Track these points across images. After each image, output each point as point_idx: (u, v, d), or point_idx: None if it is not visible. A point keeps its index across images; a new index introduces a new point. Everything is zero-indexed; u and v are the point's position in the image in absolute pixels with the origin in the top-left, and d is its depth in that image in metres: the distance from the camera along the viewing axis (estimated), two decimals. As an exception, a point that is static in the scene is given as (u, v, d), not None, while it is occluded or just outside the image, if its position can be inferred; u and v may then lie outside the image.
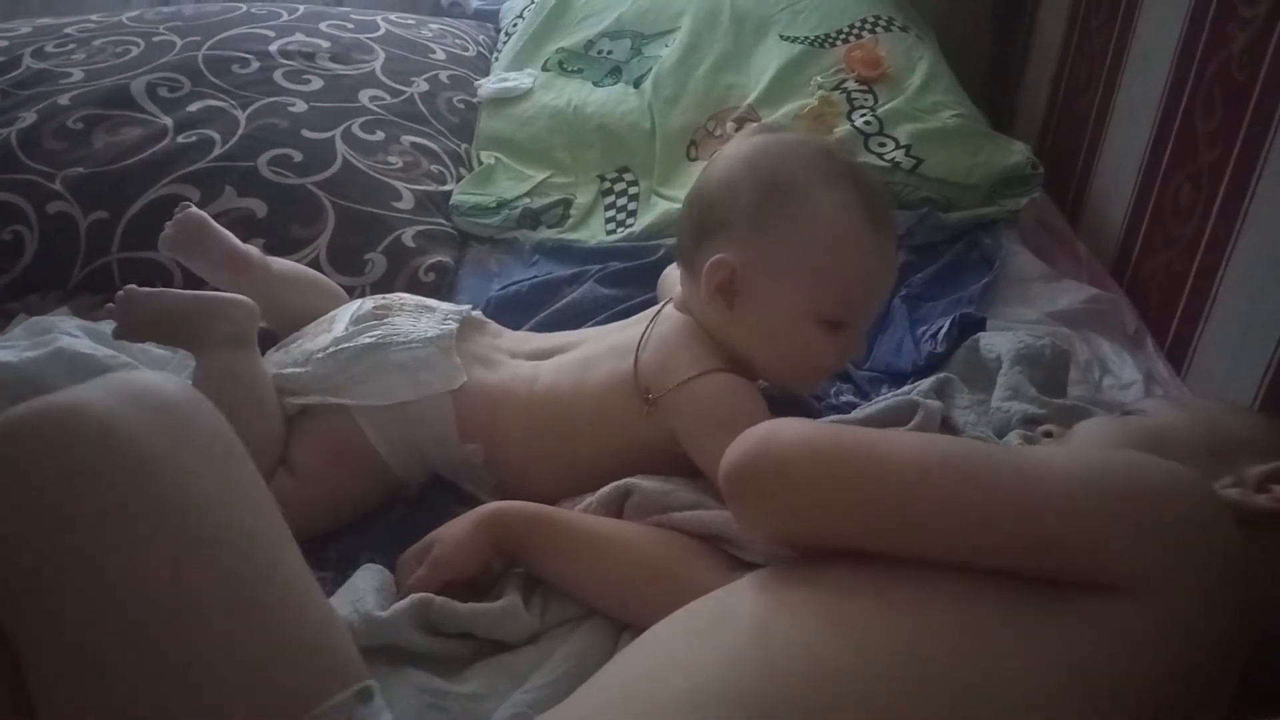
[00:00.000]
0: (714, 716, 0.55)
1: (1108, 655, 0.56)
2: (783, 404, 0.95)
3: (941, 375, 1.02)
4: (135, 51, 1.44)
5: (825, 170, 0.88)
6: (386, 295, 1.04)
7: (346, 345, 0.94)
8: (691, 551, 0.81)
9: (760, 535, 0.69)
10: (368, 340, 0.94)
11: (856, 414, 0.97)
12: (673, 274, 1.05)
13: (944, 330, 1.10)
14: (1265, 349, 1.00)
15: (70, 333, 1.03)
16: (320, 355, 0.94)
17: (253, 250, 1.05)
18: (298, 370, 0.94)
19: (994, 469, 0.62)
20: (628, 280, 1.24)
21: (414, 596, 0.77)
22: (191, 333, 0.93)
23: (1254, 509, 0.66)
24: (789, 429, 0.67)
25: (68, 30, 1.50)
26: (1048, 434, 0.83)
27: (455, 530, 0.83)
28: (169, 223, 1.04)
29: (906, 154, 1.36)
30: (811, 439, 0.66)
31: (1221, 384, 1.08)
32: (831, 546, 0.64)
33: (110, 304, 0.95)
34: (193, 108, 1.34)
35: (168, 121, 1.32)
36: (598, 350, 0.97)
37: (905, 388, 1.01)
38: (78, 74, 1.39)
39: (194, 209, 1.04)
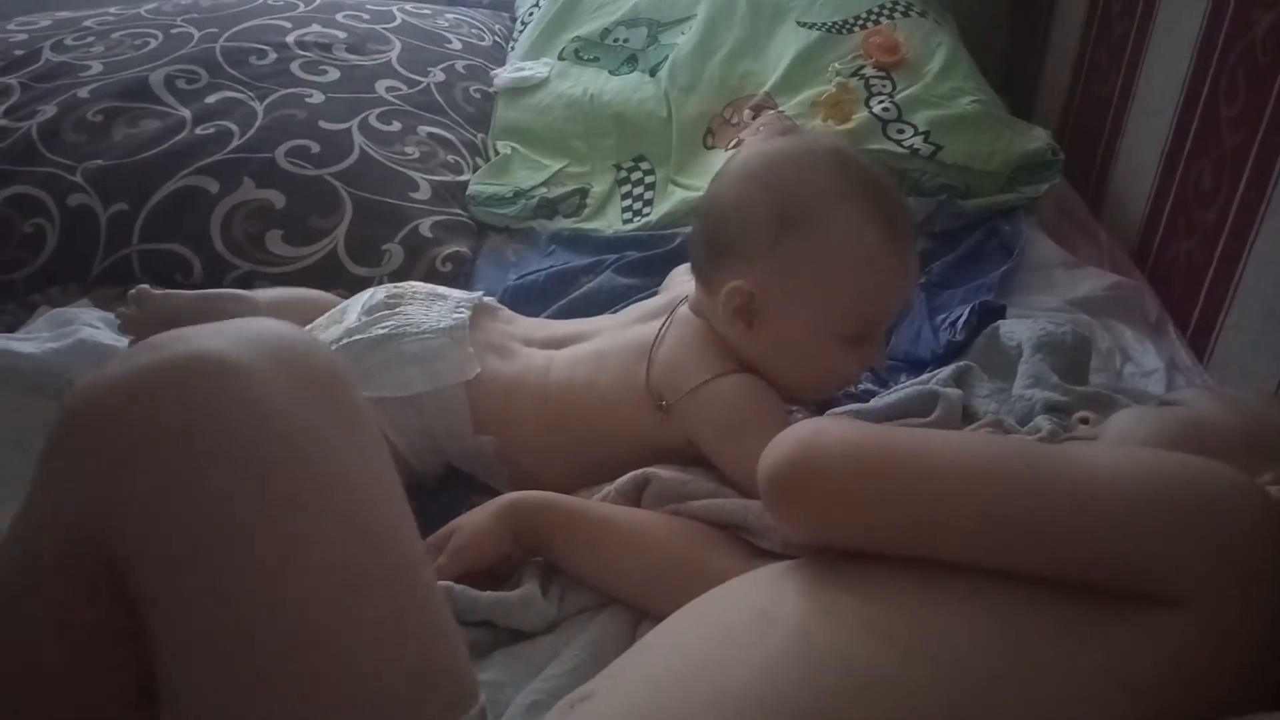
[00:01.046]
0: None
1: (1159, 672, 0.55)
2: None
3: (961, 364, 1.01)
4: (153, 44, 1.44)
5: (839, 186, 0.86)
6: (398, 284, 1.03)
7: (360, 337, 0.94)
8: (709, 540, 0.81)
9: (800, 538, 0.67)
10: (380, 331, 0.94)
11: (875, 403, 0.97)
12: (681, 272, 1.05)
13: (963, 318, 1.09)
14: (1289, 336, 0.99)
15: (92, 324, 1.04)
16: (333, 347, 0.94)
17: (244, 296, 1.02)
18: None
19: (1044, 476, 0.60)
20: (645, 270, 1.23)
21: (439, 587, 0.78)
22: None
23: None
24: (832, 431, 0.65)
25: (87, 23, 1.51)
26: (1084, 420, 0.82)
27: (475, 519, 0.83)
28: (121, 313, 0.99)
29: (925, 140, 1.35)
30: (856, 442, 0.64)
31: (1244, 371, 1.07)
32: (872, 550, 0.63)
33: (123, 308, 0.96)
34: (211, 99, 1.35)
35: (186, 113, 1.32)
36: (612, 346, 0.96)
37: (924, 376, 1.01)
38: (97, 66, 1.39)
39: (141, 289, 0.97)
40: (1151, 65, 1.35)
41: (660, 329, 0.94)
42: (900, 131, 1.37)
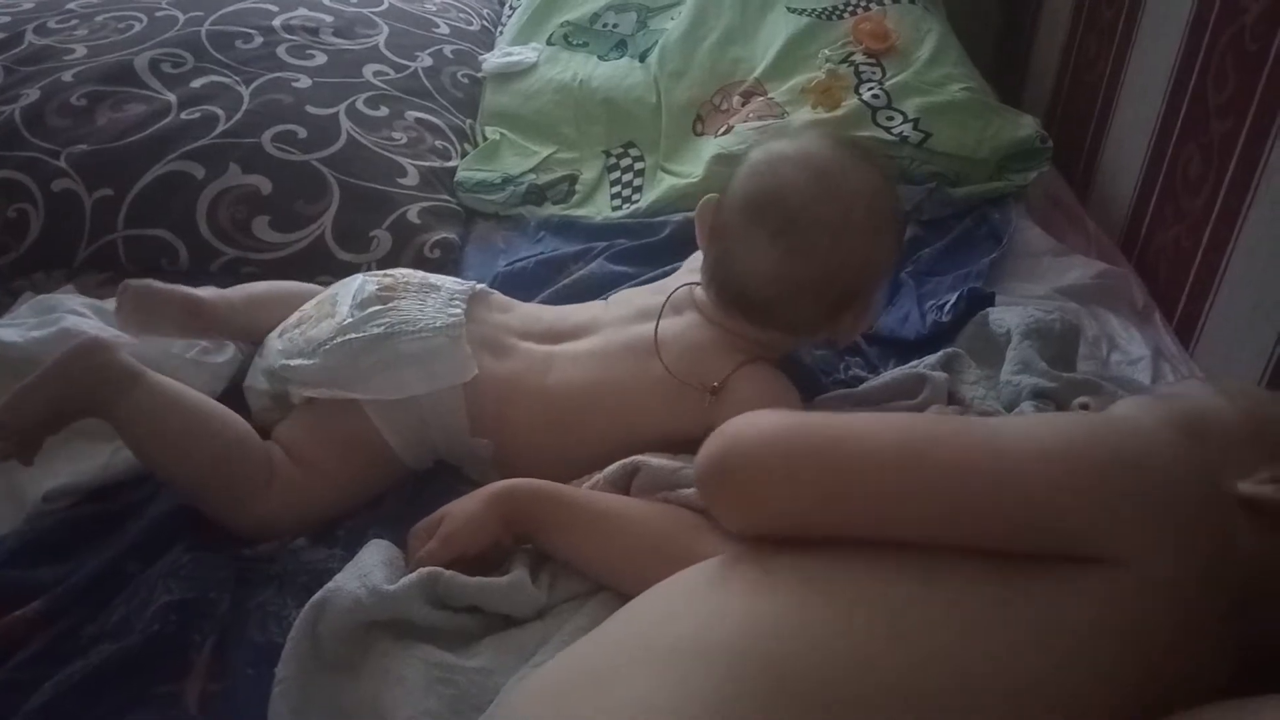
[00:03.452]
0: (687, 668, 0.56)
1: (1094, 627, 0.56)
2: (795, 381, 0.96)
3: (949, 350, 1.01)
4: (138, 27, 1.43)
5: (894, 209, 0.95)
6: (389, 272, 1.01)
7: (355, 336, 0.92)
8: (698, 526, 0.81)
9: (736, 528, 0.69)
10: (376, 330, 0.92)
11: (864, 387, 0.98)
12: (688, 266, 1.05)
13: (950, 303, 1.10)
14: (1274, 324, 0.99)
15: (76, 310, 1.03)
16: (328, 346, 0.92)
17: (205, 296, 1.02)
18: (305, 362, 0.92)
19: (965, 449, 0.61)
20: (636, 257, 1.23)
21: (422, 570, 0.78)
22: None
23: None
24: (760, 423, 0.66)
25: (70, 6, 1.49)
26: (1084, 406, 0.82)
27: (466, 506, 0.83)
28: (117, 304, 1.01)
29: (914, 128, 1.35)
30: (784, 432, 0.65)
31: (1229, 359, 1.07)
32: (806, 535, 0.64)
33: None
34: (196, 84, 1.34)
35: (171, 98, 1.31)
36: (615, 344, 0.96)
37: (913, 362, 1.01)
38: (81, 50, 1.38)
39: (132, 283, 1.00)
40: (1140, 52, 1.35)
41: (656, 326, 0.95)
42: (889, 119, 1.37)
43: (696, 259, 1.05)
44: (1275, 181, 1.02)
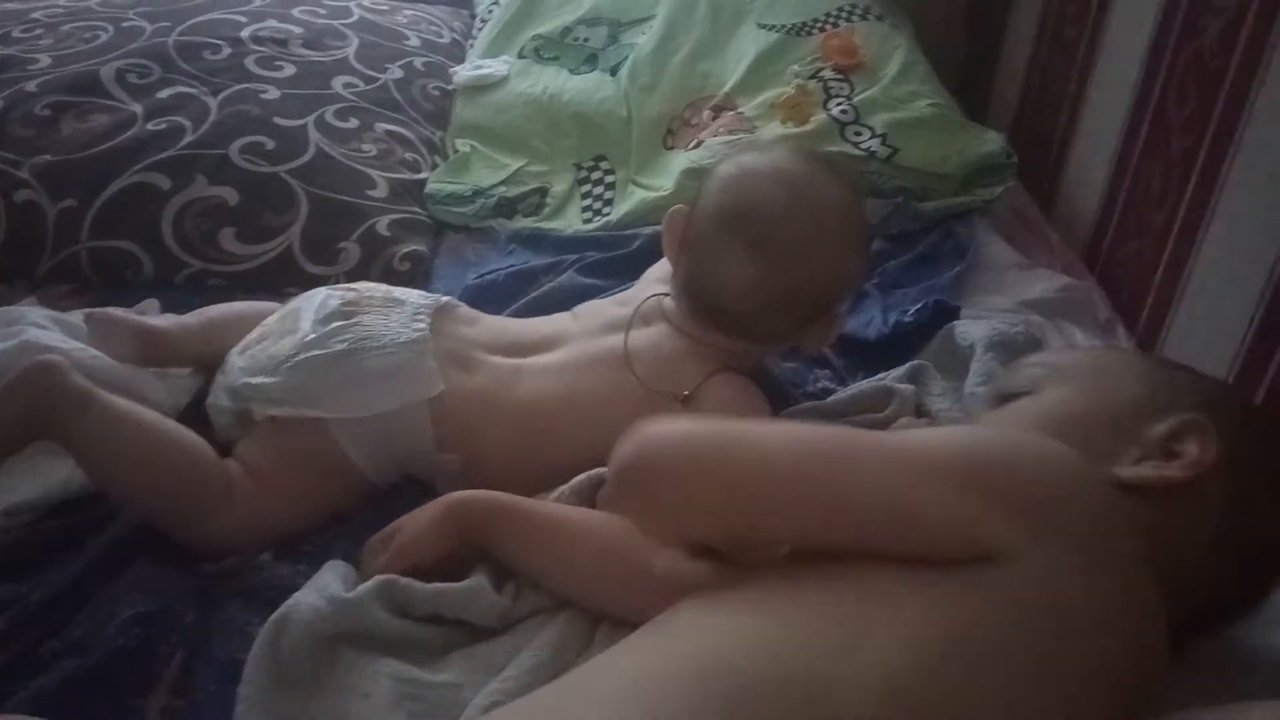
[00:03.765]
0: (650, 700, 0.56)
1: (991, 624, 0.57)
2: (765, 394, 0.97)
3: (915, 362, 1.03)
4: (104, 37, 1.41)
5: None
6: (352, 286, 1.00)
7: (318, 353, 0.90)
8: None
9: (647, 531, 0.70)
10: (339, 346, 0.91)
11: (832, 400, 0.99)
12: (651, 278, 1.05)
13: (914, 308, 1.12)
14: (1234, 336, 1.01)
15: (38, 323, 1.02)
16: (290, 363, 0.90)
17: (161, 326, 1.02)
18: (267, 380, 0.91)
19: (858, 451, 0.63)
20: (606, 270, 1.23)
21: (378, 576, 0.77)
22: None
23: (1168, 482, 0.66)
24: (669, 426, 0.68)
25: (34, 15, 1.48)
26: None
27: (420, 516, 0.82)
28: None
29: (882, 143, 1.36)
30: (690, 434, 0.67)
31: (1192, 371, 1.09)
32: (714, 540, 0.65)
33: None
34: (163, 94, 1.32)
35: (137, 108, 1.30)
36: (584, 357, 0.96)
37: (879, 375, 1.02)
38: (45, 60, 1.37)
39: (97, 311, 1.01)
40: (1102, 71, 1.37)
41: (625, 338, 0.95)
42: (858, 134, 1.38)
43: (656, 270, 1.05)
44: (1234, 197, 1.04)
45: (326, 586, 0.77)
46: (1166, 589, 0.62)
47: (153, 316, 1.07)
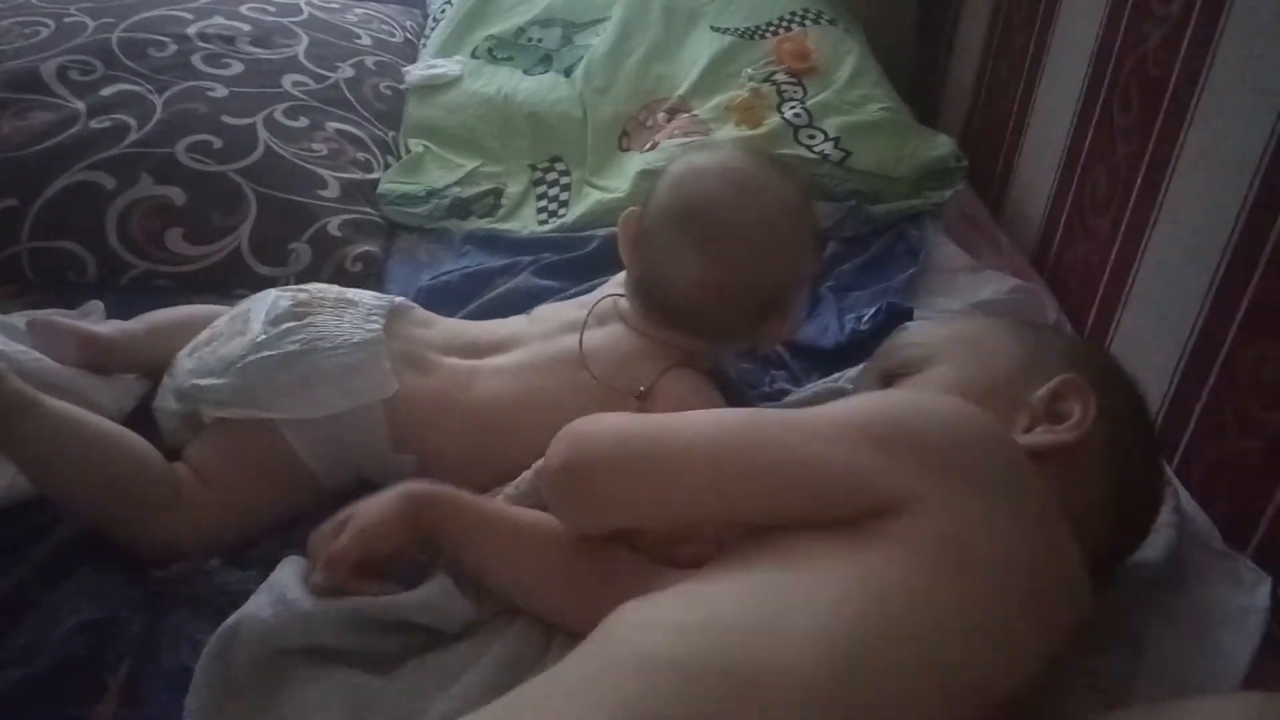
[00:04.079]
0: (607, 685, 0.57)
1: (904, 572, 0.60)
2: (722, 393, 0.97)
3: (868, 363, 1.03)
4: (45, 33, 1.38)
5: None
6: (303, 287, 0.99)
7: (270, 353, 0.89)
8: (610, 548, 0.79)
9: (581, 527, 0.73)
10: (291, 347, 0.89)
11: (787, 400, 1.00)
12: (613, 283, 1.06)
13: (870, 314, 1.13)
14: (1179, 336, 1.03)
15: (-21, 325, 0.99)
16: (240, 365, 0.89)
17: (104, 332, 1.00)
18: (216, 381, 0.89)
19: (771, 426, 0.68)
20: (563, 271, 1.23)
21: (346, 601, 0.75)
22: None
23: (1063, 444, 0.70)
24: (598, 425, 0.71)
25: (-29, 9, 1.44)
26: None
27: (375, 502, 0.80)
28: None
29: (835, 146, 1.37)
30: (617, 430, 0.71)
31: (1138, 370, 1.10)
32: (645, 526, 0.68)
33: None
34: (106, 92, 1.29)
35: (80, 106, 1.27)
36: (543, 357, 0.96)
37: (834, 375, 1.03)
38: (-17, 55, 1.33)
39: (39, 316, 1.00)
40: (1050, 76, 1.40)
41: (580, 337, 0.95)
42: (811, 137, 1.39)
43: (622, 275, 1.05)
44: (1177, 200, 1.06)
45: (285, 591, 0.75)
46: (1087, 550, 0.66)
47: (96, 322, 1.04)
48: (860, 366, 1.02)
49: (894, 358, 0.83)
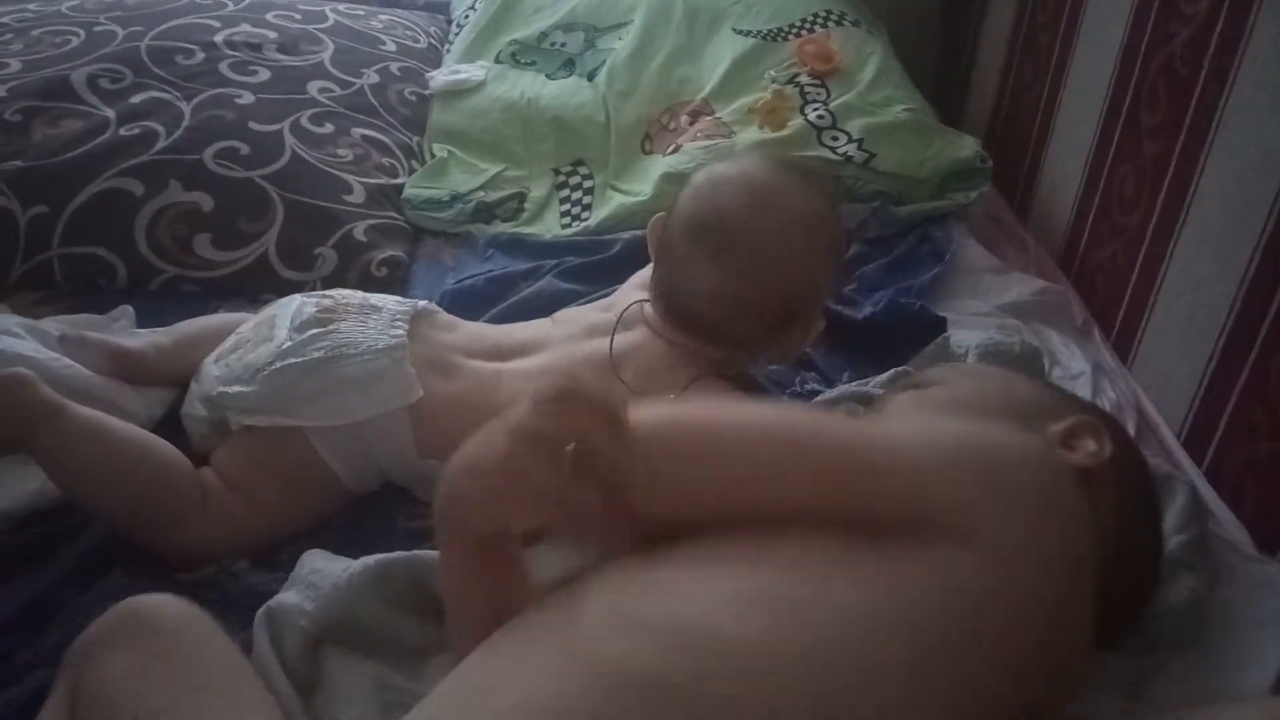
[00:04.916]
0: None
1: (945, 601, 0.57)
2: (750, 396, 0.97)
3: (899, 369, 1.02)
4: (75, 42, 1.40)
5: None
6: (328, 293, 0.99)
7: (295, 360, 0.90)
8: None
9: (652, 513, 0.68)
10: (317, 354, 0.90)
11: (816, 401, 1.00)
12: (631, 286, 1.06)
13: (887, 298, 1.16)
14: (1209, 337, 1.02)
15: (12, 331, 1.00)
16: (266, 372, 0.89)
17: (134, 347, 1.00)
18: (243, 389, 0.90)
19: (834, 420, 0.68)
20: (586, 275, 1.23)
21: (368, 559, 0.76)
22: None
23: (1074, 466, 0.68)
24: (656, 414, 0.67)
25: (4, 19, 1.46)
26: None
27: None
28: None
29: (859, 148, 1.37)
30: (677, 420, 0.67)
31: (1166, 372, 1.10)
32: (704, 516, 0.64)
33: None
34: (136, 99, 1.31)
35: (110, 113, 1.28)
36: (566, 362, 0.96)
37: (864, 380, 1.02)
38: (15, 65, 1.35)
39: (70, 332, 1.01)
40: (1076, 75, 1.39)
41: (611, 342, 0.96)
42: (834, 139, 1.38)
43: (638, 276, 1.05)
44: (1206, 200, 1.05)
45: (310, 573, 0.77)
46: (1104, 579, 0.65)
47: (126, 336, 1.05)
48: (890, 372, 1.02)
49: (924, 375, 0.84)
